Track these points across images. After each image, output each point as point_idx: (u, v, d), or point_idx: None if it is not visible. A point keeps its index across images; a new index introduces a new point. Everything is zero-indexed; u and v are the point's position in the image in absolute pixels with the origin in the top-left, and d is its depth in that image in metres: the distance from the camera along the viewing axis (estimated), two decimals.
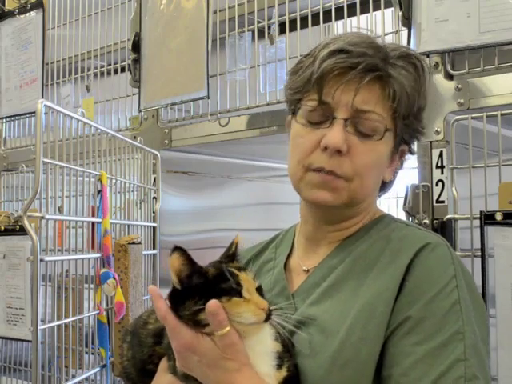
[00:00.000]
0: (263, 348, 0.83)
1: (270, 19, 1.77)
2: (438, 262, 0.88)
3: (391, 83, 0.90)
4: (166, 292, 0.84)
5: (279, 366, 0.83)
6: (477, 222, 1.29)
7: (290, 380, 0.84)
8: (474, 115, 1.33)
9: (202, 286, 0.79)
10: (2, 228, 1.55)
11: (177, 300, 0.81)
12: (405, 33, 1.45)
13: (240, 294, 0.79)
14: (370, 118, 0.91)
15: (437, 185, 1.40)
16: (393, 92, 0.90)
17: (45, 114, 1.35)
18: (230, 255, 0.87)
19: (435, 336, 0.82)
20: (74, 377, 1.59)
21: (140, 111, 2.03)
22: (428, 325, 0.83)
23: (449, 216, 1.37)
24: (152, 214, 1.94)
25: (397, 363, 0.83)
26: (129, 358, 0.98)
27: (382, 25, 1.53)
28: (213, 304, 0.76)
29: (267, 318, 0.80)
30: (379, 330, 0.85)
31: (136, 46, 2.02)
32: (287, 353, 0.86)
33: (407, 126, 0.95)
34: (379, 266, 0.91)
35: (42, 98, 2.27)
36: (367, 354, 0.84)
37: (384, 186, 1.03)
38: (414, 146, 1.03)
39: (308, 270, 1.00)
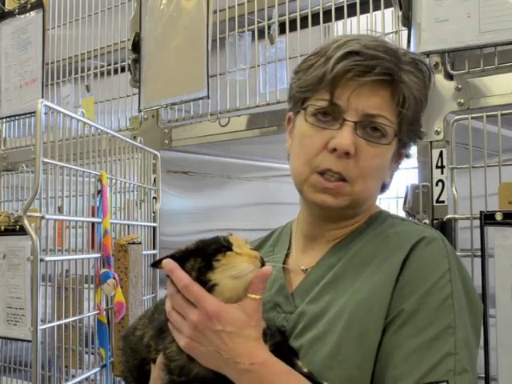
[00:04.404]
0: None
1: (270, 19, 1.77)
2: (432, 256, 0.89)
3: (402, 89, 0.91)
4: (164, 292, 0.84)
5: (264, 342, 0.86)
6: (477, 222, 1.29)
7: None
8: (473, 115, 1.33)
9: (197, 250, 0.83)
10: (2, 228, 1.55)
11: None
12: (405, 33, 1.45)
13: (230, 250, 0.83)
14: (379, 123, 0.91)
15: (437, 185, 1.40)
16: (402, 98, 0.91)
17: (45, 114, 1.35)
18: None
19: (427, 329, 0.84)
20: (73, 377, 1.59)
21: (140, 111, 2.03)
22: (420, 318, 0.84)
23: (449, 216, 1.37)
24: (152, 214, 1.94)
25: (389, 356, 0.84)
26: (123, 363, 1.01)
27: (381, 25, 1.53)
28: (266, 269, 0.81)
29: (262, 265, 0.84)
30: (377, 325, 0.86)
31: (136, 46, 2.02)
32: (269, 332, 0.88)
33: (411, 131, 0.96)
34: (376, 262, 0.91)
35: (42, 98, 2.27)
36: (367, 348, 0.85)
37: (382, 187, 1.04)
38: (410, 150, 1.03)
39: (306, 270, 1.00)
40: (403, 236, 0.93)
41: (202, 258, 0.82)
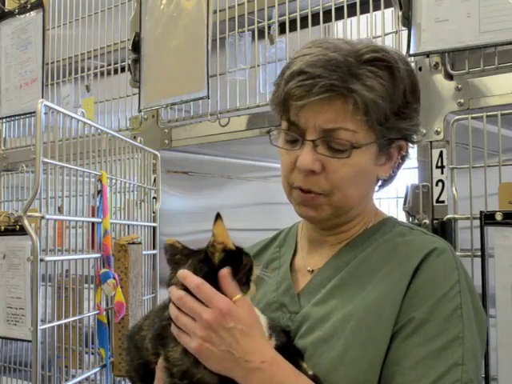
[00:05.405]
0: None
1: (270, 19, 1.77)
2: (444, 267, 0.90)
3: (353, 98, 0.89)
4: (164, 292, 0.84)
5: (270, 336, 0.87)
6: (477, 222, 1.29)
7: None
8: (473, 115, 1.33)
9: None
10: (2, 228, 1.54)
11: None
12: (405, 33, 1.45)
13: None
14: (339, 136, 0.90)
15: (437, 185, 1.40)
16: (355, 106, 0.89)
17: (45, 114, 1.35)
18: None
19: (436, 339, 0.85)
20: (73, 377, 1.59)
21: (140, 111, 2.03)
22: (430, 327, 0.85)
23: (449, 216, 1.37)
24: (152, 214, 1.94)
25: (397, 363, 0.85)
26: (128, 362, 1.01)
27: (381, 25, 1.53)
28: (223, 271, 0.85)
29: None
30: (386, 331, 0.87)
31: (136, 46, 2.02)
32: (273, 330, 0.89)
33: (390, 129, 0.93)
34: (386, 270, 0.92)
35: (42, 98, 2.27)
36: (374, 354, 0.86)
37: (383, 181, 1.02)
38: (416, 136, 0.99)
39: (312, 271, 1.01)
40: (414, 246, 0.94)
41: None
